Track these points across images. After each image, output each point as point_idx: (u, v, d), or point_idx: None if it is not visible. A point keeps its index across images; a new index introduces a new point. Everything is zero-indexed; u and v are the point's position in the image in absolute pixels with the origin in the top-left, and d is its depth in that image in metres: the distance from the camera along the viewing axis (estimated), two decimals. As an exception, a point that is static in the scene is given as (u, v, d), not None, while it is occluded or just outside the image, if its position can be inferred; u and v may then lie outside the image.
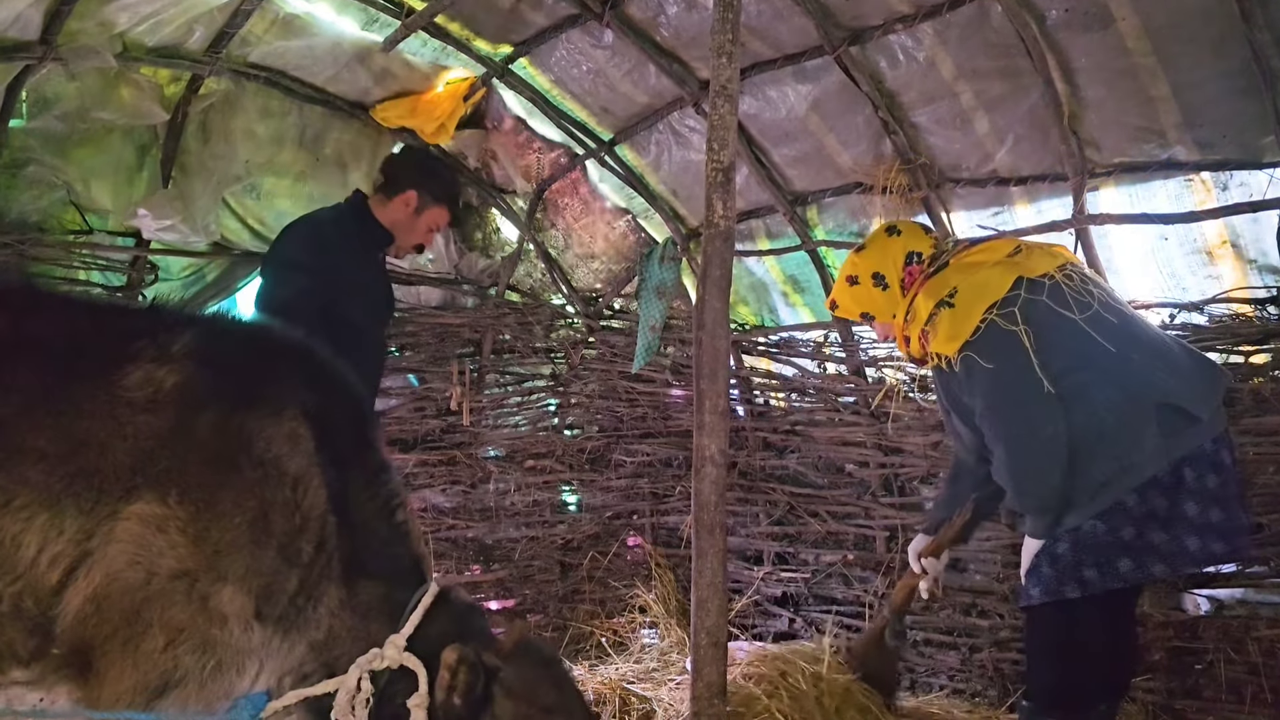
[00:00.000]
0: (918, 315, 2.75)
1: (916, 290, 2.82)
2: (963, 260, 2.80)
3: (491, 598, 4.91)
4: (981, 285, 2.64)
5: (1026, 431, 2.54)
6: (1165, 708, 3.27)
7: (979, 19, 3.10)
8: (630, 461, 5.02)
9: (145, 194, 4.04)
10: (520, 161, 4.70)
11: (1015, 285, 2.60)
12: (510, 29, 4.02)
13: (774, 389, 4.65)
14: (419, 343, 4.82)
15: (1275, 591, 3.17)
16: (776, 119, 3.84)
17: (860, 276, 2.95)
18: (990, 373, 2.55)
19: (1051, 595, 2.59)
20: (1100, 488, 2.53)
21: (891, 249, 2.92)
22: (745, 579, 4.46)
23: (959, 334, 2.60)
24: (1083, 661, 2.67)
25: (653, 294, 4.70)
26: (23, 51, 3.53)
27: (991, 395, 2.59)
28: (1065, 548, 2.59)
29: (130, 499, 1.71)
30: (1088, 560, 2.55)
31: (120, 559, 1.67)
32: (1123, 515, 2.53)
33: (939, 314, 2.67)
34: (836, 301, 3.09)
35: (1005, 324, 2.55)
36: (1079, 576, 2.56)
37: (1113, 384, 2.53)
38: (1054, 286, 2.60)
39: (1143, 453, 2.51)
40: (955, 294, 2.66)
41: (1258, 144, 2.94)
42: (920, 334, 2.74)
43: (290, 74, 4.23)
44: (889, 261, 2.91)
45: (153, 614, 1.67)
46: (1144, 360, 2.58)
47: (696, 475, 2.34)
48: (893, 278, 2.90)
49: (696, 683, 2.31)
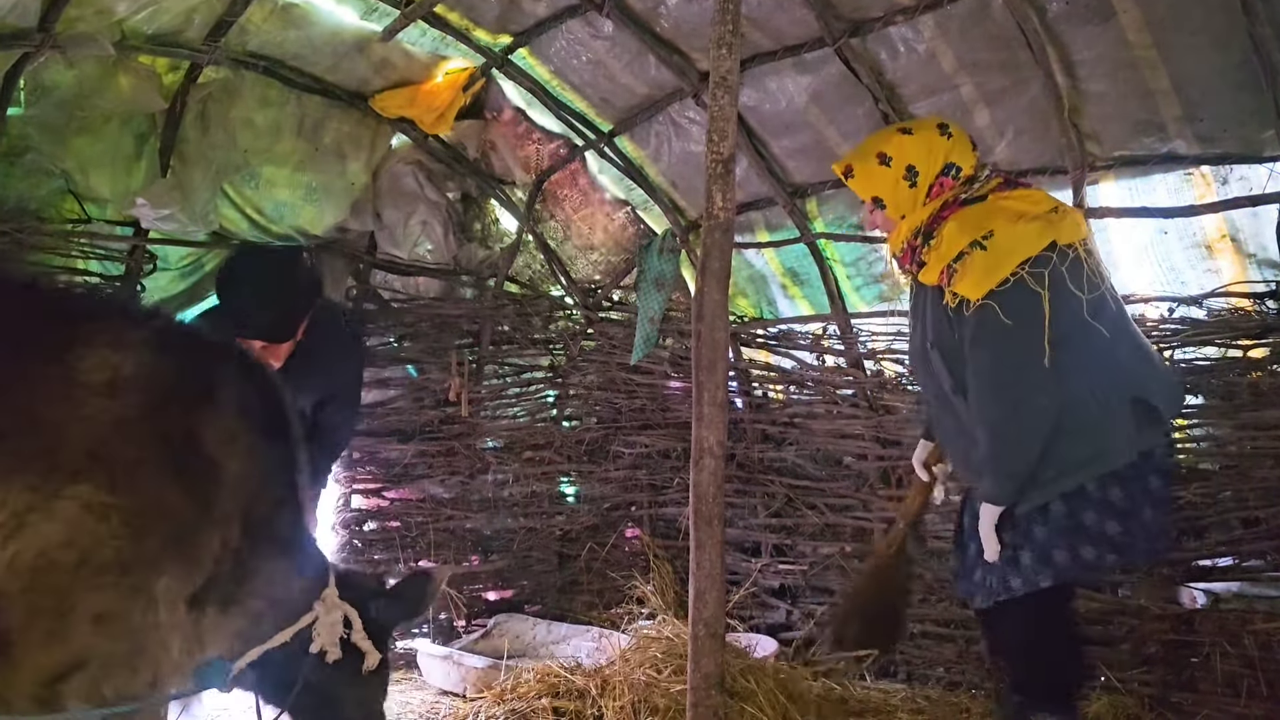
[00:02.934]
0: (946, 245, 2.57)
1: (944, 209, 2.65)
2: (1004, 201, 2.62)
3: (490, 588, 4.92)
4: (1020, 237, 2.51)
5: (1022, 397, 2.49)
6: (1161, 700, 3.28)
7: (980, 11, 3.09)
8: (629, 453, 5.02)
9: (143, 183, 4.03)
10: (519, 152, 4.70)
11: (1049, 247, 2.50)
12: (510, 19, 4.01)
13: (772, 381, 4.65)
14: (418, 333, 4.82)
15: (1272, 585, 3.17)
16: (776, 111, 3.84)
17: (895, 160, 2.66)
18: (1005, 330, 2.46)
19: (1030, 585, 2.59)
20: (1072, 468, 2.53)
21: (937, 149, 2.65)
22: (743, 570, 4.46)
23: (987, 281, 2.48)
24: (1065, 648, 2.71)
25: (652, 286, 4.70)
26: (21, 39, 3.52)
27: (998, 352, 2.51)
28: (1040, 531, 2.58)
29: (76, 480, 1.72)
30: (1059, 543, 2.56)
31: (55, 537, 1.68)
32: (1083, 500, 2.54)
33: (971, 254, 2.52)
34: (854, 170, 2.73)
35: (1033, 284, 2.46)
36: (1048, 560, 2.57)
37: (1101, 369, 2.52)
38: (1075, 260, 2.52)
39: (1115, 441, 2.53)
40: (991, 237, 2.52)
41: (1258, 138, 2.94)
42: (945, 267, 2.57)
43: (289, 63, 4.22)
44: (931, 160, 2.65)
45: (80, 597, 1.70)
46: (1129, 352, 2.59)
47: (695, 467, 2.35)
48: (924, 179, 2.65)
49: (694, 674, 2.32)
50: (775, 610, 4.49)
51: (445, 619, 4.66)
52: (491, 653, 4.10)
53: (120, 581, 1.73)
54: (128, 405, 1.79)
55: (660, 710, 3.19)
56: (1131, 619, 3.40)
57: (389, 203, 4.62)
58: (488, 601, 4.90)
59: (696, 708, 2.31)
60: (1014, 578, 2.61)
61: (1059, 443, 2.51)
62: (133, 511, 1.74)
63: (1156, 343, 3.37)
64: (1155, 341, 3.37)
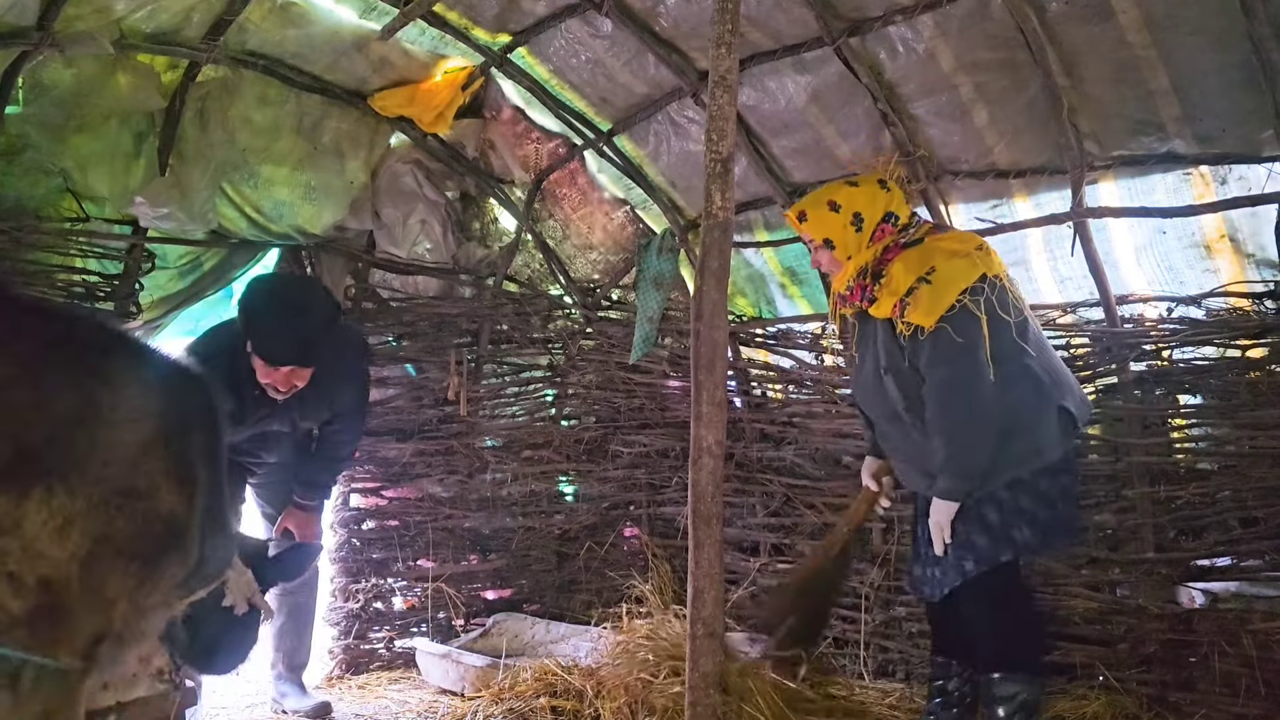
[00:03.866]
0: (895, 283, 2.95)
1: (887, 252, 3.02)
2: (938, 243, 3.00)
3: (488, 587, 4.92)
4: (957, 270, 2.89)
5: (973, 404, 2.85)
6: (1159, 700, 3.28)
7: (979, 11, 3.09)
8: (627, 452, 5.02)
9: (142, 181, 4.03)
10: (518, 151, 4.69)
11: (980, 279, 2.88)
12: (509, 18, 4.01)
13: (771, 380, 4.65)
14: (416, 332, 4.82)
15: (1270, 585, 3.17)
16: (775, 110, 3.84)
17: (843, 207, 3.05)
18: (958, 347, 2.83)
19: (988, 562, 2.93)
20: (1014, 462, 2.90)
21: (879, 200, 3.06)
22: (741, 570, 4.46)
23: (936, 310, 2.85)
24: (1033, 617, 3.13)
25: (650, 285, 4.70)
26: (19, 37, 3.52)
27: (954, 368, 2.86)
28: (994, 515, 2.93)
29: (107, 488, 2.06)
30: (1014, 523, 2.93)
31: (97, 533, 2.03)
32: (1023, 487, 2.93)
33: (919, 289, 2.90)
34: (807, 214, 3.11)
35: (974, 309, 2.84)
36: (1009, 538, 2.93)
37: (1032, 380, 2.89)
38: (1001, 288, 2.90)
39: (1047, 441, 2.93)
40: (933, 272, 2.90)
41: (1257, 138, 2.94)
42: (897, 302, 2.93)
43: (288, 62, 4.22)
44: (873, 209, 3.05)
45: (113, 580, 2.06)
46: (1051, 369, 2.98)
47: (694, 466, 2.35)
48: (868, 224, 3.04)
49: (693, 673, 2.32)
50: (774, 609, 4.49)
51: (444, 618, 4.66)
52: (490, 652, 4.10)
53: (141, 569, 2.09)
54: (144, 427, 2.12)
55: (658, 709, 3.19)
56: (1130, 619, 3.40)
57: (388, 201, 4.62)
58: (486, 600, 4.90)
59: (694, 706, 2.32)
60: (968, 560, 2.95)
61: (1004, 442, 2.87)
62: (150, 512, 2.09)
63: (1155, 342, 3.38)
64: (1154, 341, 3.38)
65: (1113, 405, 3.48)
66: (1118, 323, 3.41)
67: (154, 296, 4.29)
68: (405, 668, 4.50)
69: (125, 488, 2.05)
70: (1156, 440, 3.42)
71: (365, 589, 4.63)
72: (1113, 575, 3.50)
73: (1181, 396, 3.44)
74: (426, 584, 4.63)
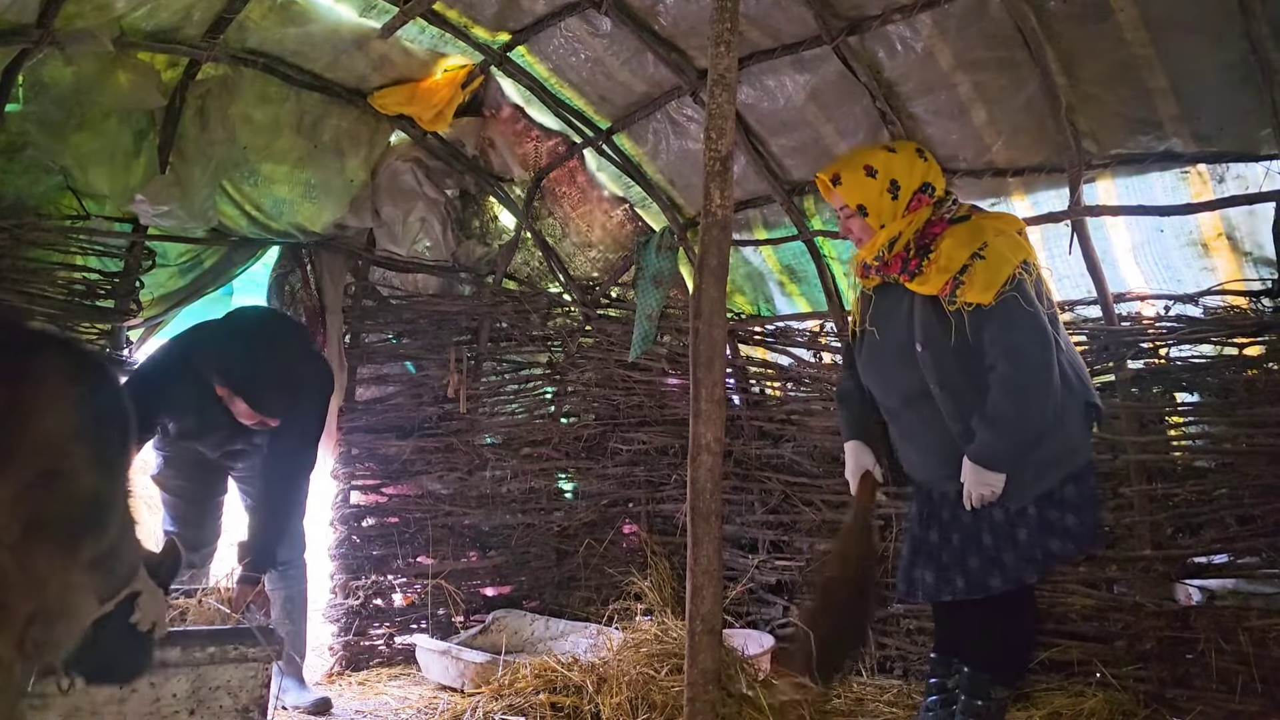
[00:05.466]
0: (946, 259, 2.82)
1: (932, 226, 2.89)
2: (984, 220, 2.90)
3: (488, 583, 4.93)
4: (1009, 246, 2.81)
5: (1048, 373, 2.73)
6: (1156, 697, 3.29)
7: (977, 10, 3.10)
8: (626, 449, 5.03)
9: (142, 179, 4.03)
10: (518, 149, 4.70)
11: (1024, 262, 2.79)
12: (508, 16, 4.01)
13: (770, 378, 4.66)
14: (416, 330, 4.83)
15: (1267, 582, 3.18)
16: (774, 109, 3.85)
17: (880, 173, 2.90)
18: (1031, 315, 2.72)
19: (1014, 582, 2.83)
20: (1046, 469, 2.80)
21: (917, 169, 2.92)
22: (740, 567, 4.47)
23: (995, 282, 2.74)
24: (1032, 629, 3.10)
25: (650, 283, 4.70)
26: (19, 35, 3.52)
27: (1030, 333, 2.73)
28: (1024, 534, 2.82)
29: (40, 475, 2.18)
30: (1042, 541, 2.82)
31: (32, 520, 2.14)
32: (1049, 499, 2.82)
33: (973, 265, 2.77)
34: (841, 178, 2.95)
35: (1027, 286, 2.75)
36: (1034, 558, 2.83)
37: (1064, 375, 2.79)
38: (1038, 277, 2.84)
39: (1079, 441, 2.86)
40: (986, 248, 2.78)
41: (1255, 136, 2.95)
42: (950, 279, 2.80)
43: (288, 60, 4.22)
44: (911, 177, 2.90)
45: (40, 562, 2.16)
46: (1077, 362, 2.91)
47: (692, 463, 2.35)
48: (905, 193, 2.90)
49: (691, 669, 2.33)
50: (772, 606, 4.50)
51: (444, 614, 4.67)
52: (490, 648, 4.11)
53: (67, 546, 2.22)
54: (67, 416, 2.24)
55: (657, 706, 3.20)
56: (1127, 616, 3.42)
57: (388, 200, 4.63)
58: (486, 597, 4.91)
59: (693, 703, 2.32)
60: (994, 578, 2.83)
61: (1037, 446, 2.76)
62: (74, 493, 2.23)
63: (1152, 340, 3.39)
64: (1151, 339, 3.39)
65: (1110, 403, 3.48)
66: (1115, 321, 3.42)
67: (154, 294, 4.29)
68: (405, 664, 4.51)
69: (51, 470, 2.16)
70: (1154, 438, 3.44)
71: (365, 585, 4.64)
72: (1110, 572, 3.51)
73: (1179, 394, 3.45)
74: (426, 580, 4.64)
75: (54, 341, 2.58)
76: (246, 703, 2.94)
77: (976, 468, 2.79)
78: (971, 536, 2.87)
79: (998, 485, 2.78)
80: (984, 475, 2.78)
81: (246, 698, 2.94)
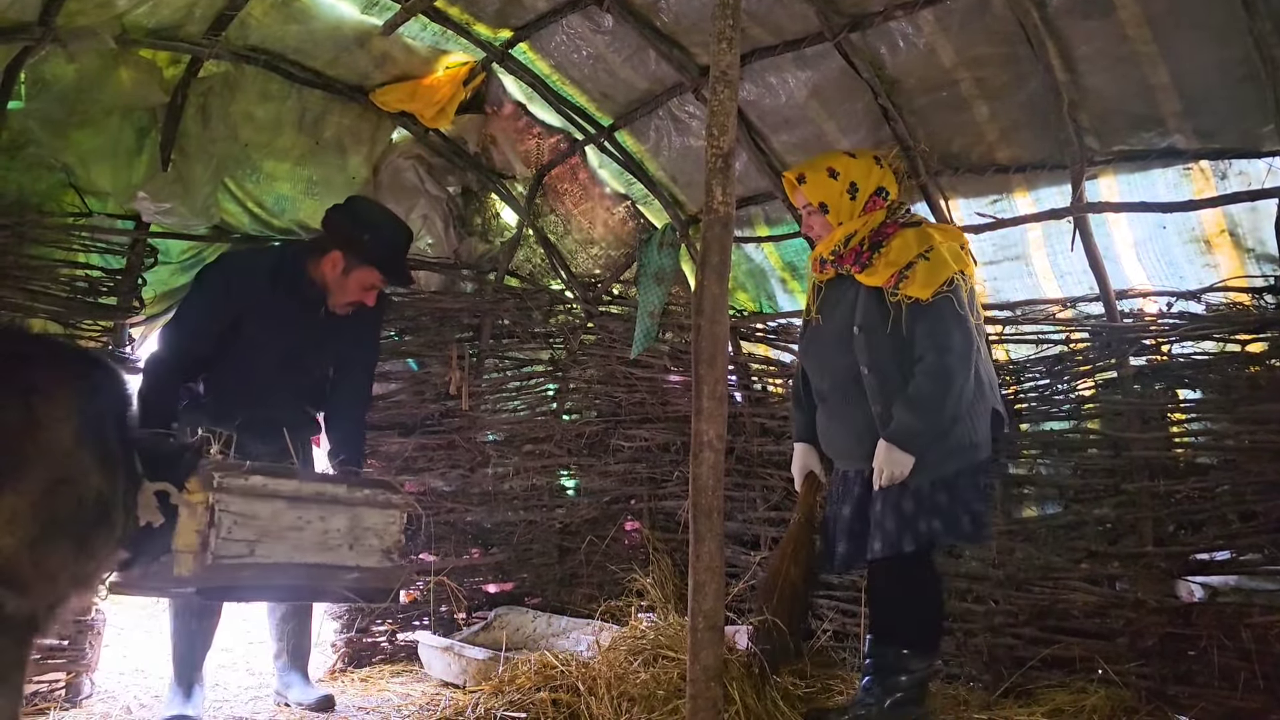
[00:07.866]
0: (896, 254, 3.19)
1: (886, 226, 3.26)
2: (930, 229, 3.27)
3: (490, 580, 4.93)
4: (951, 254, 3.20)
5: (967, 369, 3.12)
6: (1158, 693, 3.29)
7: (979, 6, 3.09)
8: (628, 446, 5.03)
9: (144, 176, 4.03)
10: (520, 147, 4.70)
11: (960, 272, 3.17)
12: (510, 13, 4.01)
13: (772, 375, 4.66)
14: (418, 327, 4.83)
15: (1269, 579, 3.18)
16: (776, 105, 3.84)
17: (841, 175, 3.28)
18: (961, 317, 3.12)
19: (892, 549, 3.16)
20: (949, 454, 3.17)
21: (874, 174, 3.29)
22: (742, 563, 4.47)
23: (935, 281, 3.11)
24: (941, 597, 3.42)
25: (651, 280, 4.70)
26: (21, 33, 3.53)
27: (956, 335, 3.11)
28: (910, 505, 3.16)
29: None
30: (924, 516, 3.16)
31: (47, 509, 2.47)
32: (943, 484, 3.18)
33: (918, 263, 3.15)
34: (806, 178, 3.32)
35: (961, 291, 3.14)
36: (916, 529, 3.15)
37: (980, 379, 3.20)
38: (971, 289, 3.21)
39: (982, 437, 3.25)
40: (932, 250, 3.17)
41: (1257, 133, 2.95)
42: (896, 272, 3.16)
43: (290, 57, 4.22)
44: (869, 182, 3.28)
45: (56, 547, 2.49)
46: (989, 372, 3.32)
47: (694, 460, 2.36)
48: (862, 195, 3.27)
49: (693, 666, 2.33)
50: (774, 603, 4.50)
51: (446, 611, 4.67)
52: (492, 645, 4.11)
53: (78, 543, 2.50)
54: (73, 423, 2.50)
55: (659, 702, 3.20)
56: (1129, 612, 3.41)
57: (389, 197, 4.63)
58: (488, 594, 4.92)
59: (695, 699, 2.33)
60: (876, 541, 3.18)
61: (951, 427, 3.14)
62: (83, 496, 2.49)
63: (1154, 337, 3.39)
64: (1153, 336, 3.39)
65: (1112, 400, 3.49)
66: (1117, 317, 3.42)
67: (156, 291, 4.29)
68: (407, 661, 4.52)
69: (62, 477, 2.43)
70: (1156, 435, 3.43)
71: (368, 583, 4.64)
72: (1112, 569, 3.51)
73: (1181, 391, 3.44)
74: (428, 577, 4.64)
75: (58, 351, 2.80)
76: (389, 545, 3.31)
77: (891, 447, 3.13)
78: (863, 507, 3.29)
79: (907, 467, 3.12)
80: (896, 455, 3.12)
81: (389, 540, 3.31)
